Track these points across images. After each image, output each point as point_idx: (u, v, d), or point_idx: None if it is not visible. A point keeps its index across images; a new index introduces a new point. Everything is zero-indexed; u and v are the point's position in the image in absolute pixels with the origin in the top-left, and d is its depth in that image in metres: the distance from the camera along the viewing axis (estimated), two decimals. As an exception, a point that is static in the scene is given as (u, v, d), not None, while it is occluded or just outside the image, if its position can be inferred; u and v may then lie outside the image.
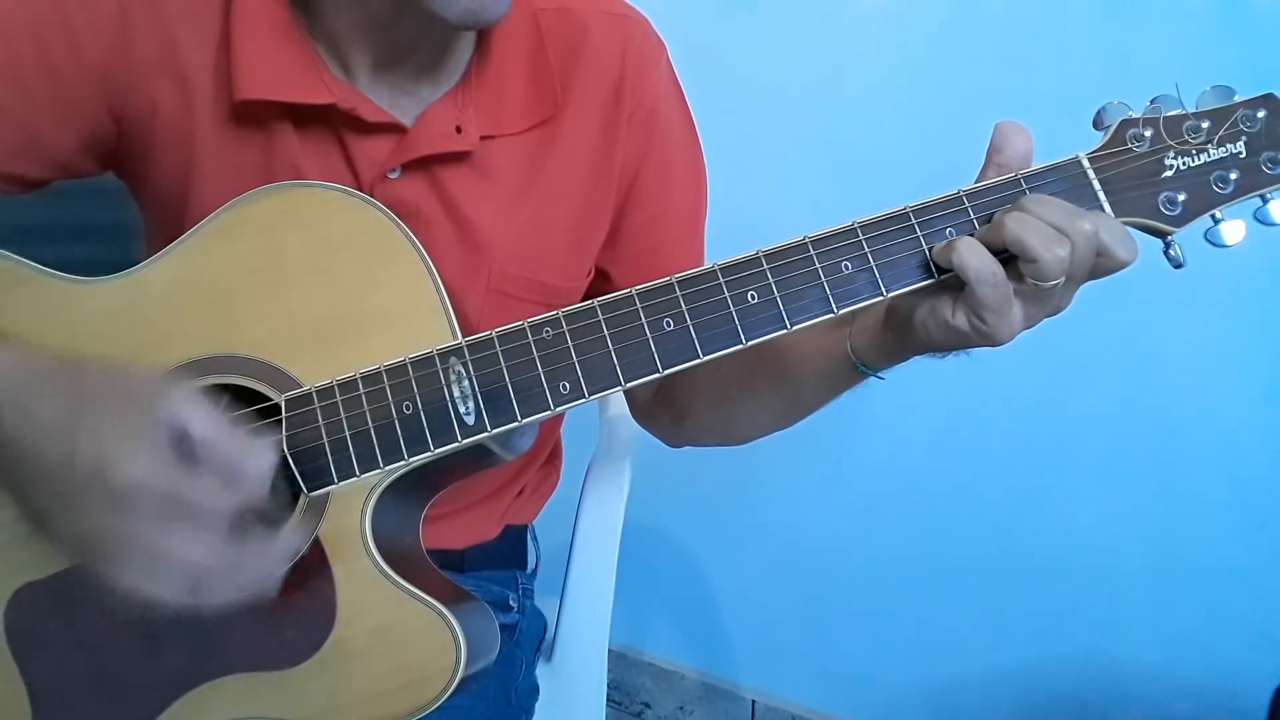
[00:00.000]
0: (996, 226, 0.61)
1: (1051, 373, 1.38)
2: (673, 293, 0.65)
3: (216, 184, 0.77)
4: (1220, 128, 0.64)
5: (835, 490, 1.63)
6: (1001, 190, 0.64)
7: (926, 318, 0.64)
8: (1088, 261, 0.61)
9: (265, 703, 0.66)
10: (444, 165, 0.80)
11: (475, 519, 0.96)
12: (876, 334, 0.70)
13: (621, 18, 0.87)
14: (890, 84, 1.44)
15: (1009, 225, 0.60)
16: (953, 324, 0.63)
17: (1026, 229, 0.59)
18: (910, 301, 0.66)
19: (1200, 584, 1.40)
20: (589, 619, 1.08)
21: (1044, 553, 1.49)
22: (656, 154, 0.88)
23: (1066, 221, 0.60)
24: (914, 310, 0.65)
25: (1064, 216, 0.60)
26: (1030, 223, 0.60)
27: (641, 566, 1.70)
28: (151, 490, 0.55)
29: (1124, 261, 0.61)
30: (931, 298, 0.64)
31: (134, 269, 0.72)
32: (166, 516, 0.56)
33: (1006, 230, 0.60)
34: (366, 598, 0.65)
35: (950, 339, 0.64)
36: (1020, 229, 0.59)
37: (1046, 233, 0.59)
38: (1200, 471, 1.36)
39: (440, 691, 0.64)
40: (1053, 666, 1.53)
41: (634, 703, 1.90)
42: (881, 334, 0.70)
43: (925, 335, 0.65)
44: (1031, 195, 0.63)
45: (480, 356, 0.66)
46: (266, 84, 0.75)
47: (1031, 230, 0.59)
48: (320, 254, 0.70)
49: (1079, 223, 0.60)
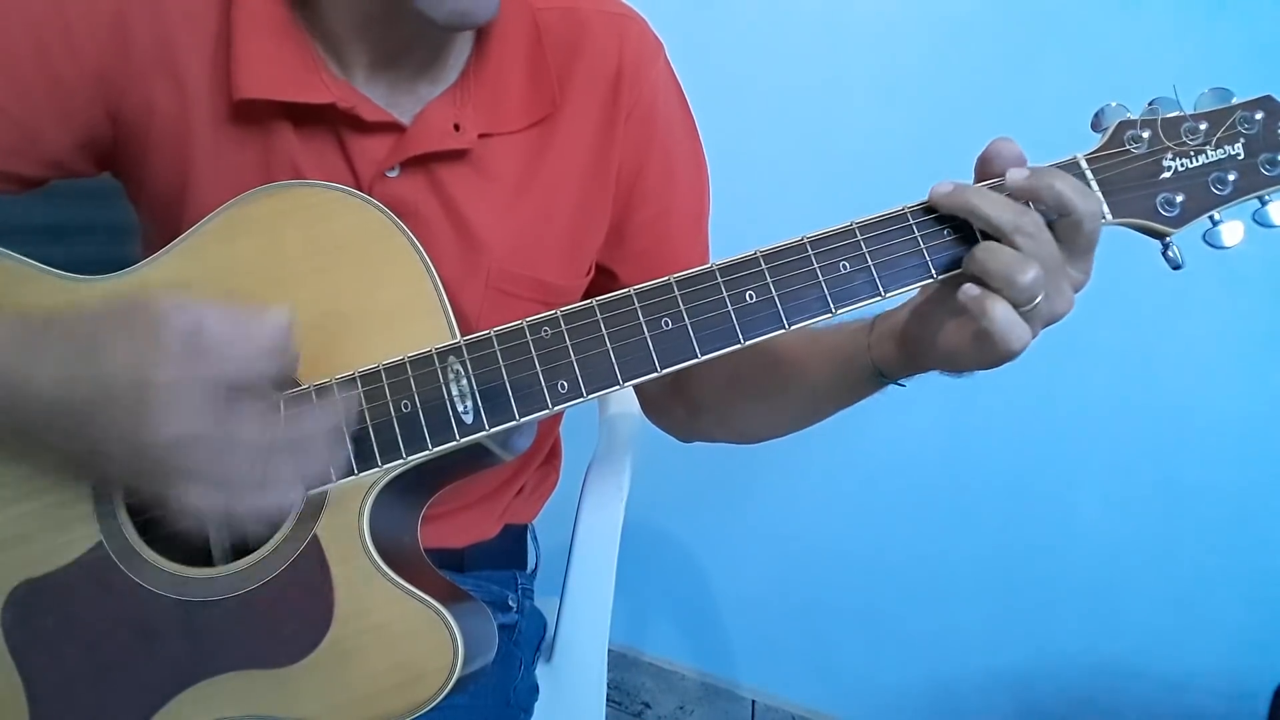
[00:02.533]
0: (958, 190, 0.64)
1: (1051, 373, 1.38)
2: (671, 292, 0.65)
3: (214, 184, 0.77)
4: (1218, 129, 0.65)
5: (835, 490, 1.63)
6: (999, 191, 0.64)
7: (945, 345, 0.66)
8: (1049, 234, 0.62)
9: (262, 700, 0.66)
10: (442, 163, 0.80)
11: (474, 518, 0.96)
12: (893, 350, 0.71)
13: (619, 16, 0.87)
14: (889, 84, 1.44)
15: (967, 191, 0.63)
16: (959, 351, 0.64)
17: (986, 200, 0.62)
18: (922, 333, 0.67)
19: (1200, 584, 1.40)
20: (589, 619, 1.08)
21: (1043, 552, 1.49)
22: (657, 151, 0.88)
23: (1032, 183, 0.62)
24: (932, 342, 0.67)
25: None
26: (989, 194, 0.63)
27: (641, 566, 1.71)
28: (200, 432, 0.57)
29: (1083, 209, 0.61)
30: (946, 326, 0.65)
31: (134, 268, 0.72)
32: (220, 402, 0.58)
33: (963, 196, 0.63)
34: (364, 596, 0.65)
35: (963, 363, 0.65)
36: (978, 196, 0.63)
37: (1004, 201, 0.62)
38: (1200, 471, 1.36)
39: (437, 690, 0.64)
40: (1052, 666, 1.53)
41: (634, 703, 1.91)
42: (899, 349, 0.70)
43: (946, 361, 0.67)
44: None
45: (478, 356, 0.66)
46: (266, 83, 0.75)
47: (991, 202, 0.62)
48: (319, 253, 0.70)
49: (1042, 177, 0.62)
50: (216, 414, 0.58)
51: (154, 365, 0.57)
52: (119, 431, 0.59)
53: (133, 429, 0.58)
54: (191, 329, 0.58)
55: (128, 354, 0.58)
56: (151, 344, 0.58)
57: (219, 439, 0.58)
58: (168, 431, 0.57)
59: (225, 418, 0.58)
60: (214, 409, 0.58)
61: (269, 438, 0.59)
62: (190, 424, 0.57)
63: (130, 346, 0.58)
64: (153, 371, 0.57)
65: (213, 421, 0.58)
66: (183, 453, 0.58)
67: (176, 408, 0.57)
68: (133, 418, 0.58)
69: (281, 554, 0.66)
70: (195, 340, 0.58)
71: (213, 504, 0.59)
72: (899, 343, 0.70)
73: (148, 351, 0.58)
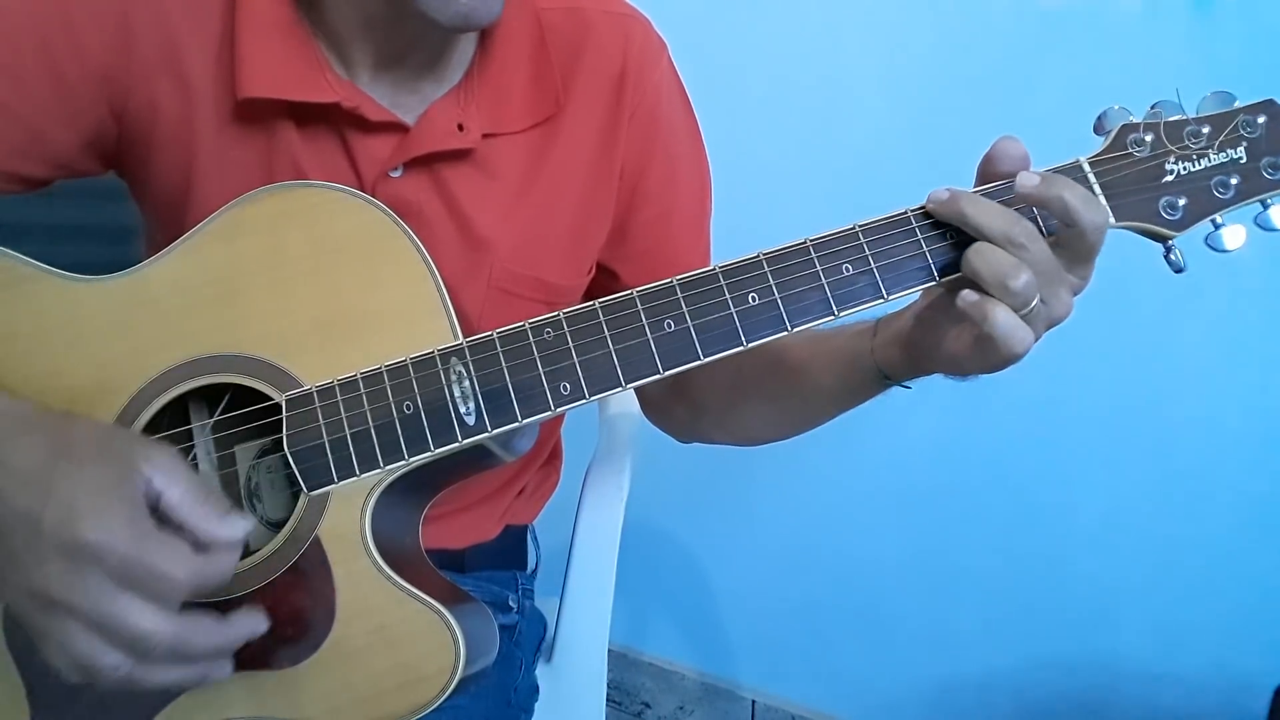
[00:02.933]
0: (952, 197, 0.63)
1: (1052, 374, 1.38)
2: (674, 294, 0.65)
3: (218, 183, 0.77)
4: (1221, 133, 0.65)
5: (835, 490, 1.63)
6: (1002, 194, 0.64)
7: (950, 350, 0.65)
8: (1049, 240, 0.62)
9: (264, 702, 0.66)
10: (446, 163, 0.80)
11: (475, 519, 0.96)
12: (898, 354, 0.71)
13: (623, 17, 0.87)
14: (892, 86, 1.44)
15: (961, 199, 0.63)
16: (958, 355, 0.64)
17: (977, 206, 0.62)
18: (925, 340, 0.67)
19: (1200, 584, 1.40)
20: (589, 619, 1.08)
21: (1043, 552, 1.49)
22: (660, 152, 0.88)
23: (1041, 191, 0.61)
24: (936, 347, 0.66)
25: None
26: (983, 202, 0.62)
27: (641, 566, 1.70)
28: (114, 549, 0.54)
29: (1088, 222, 0.61)
30: (950, 333, 0.65)
31: (135, 268, 0.72)
32: (124, 580, 0.54)
33: (957, 204, 0.62)
34: (366, 597, 0.65)
35: (965, 367, 0.65)
36: (971, 205, 0.62)
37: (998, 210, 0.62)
38: (1200, 471, 1.36)
39: (439, 692, 0.64)
40: (1052, 666, 1.53)
41: (634, 703, 1.91)
42: (903, 353, 0.70)
43: (950, 366, 0.66)
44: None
45: (481, 357, 0.66)
46: (270, 82, 0.75)
47: (981, 208, 0.62)
48: (322, 254, 0.70)
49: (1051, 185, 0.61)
50: (105, 597, 0.54)
51: (79, 525, 0.54)
52: (17, 564, 0.55)
53: (29, 569, 0.55)
54: (155, 496, 0.57)
55: (61, 505, 0.55)
56: (92, 503, 0.55)
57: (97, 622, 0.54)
58: (53, 587, 0.54)
59: (110, 606, 0.54)
60: (108, 591, 0.54)
61: (150, 645, 0.54)
62: (77, 591, 0.54)
63: (67, 498, 0.55)
64: (75, 529, 0.54)
65: (99, 599, 0.54)
66: (59, 617, 0.54)
67: (75, 571, 0.54)
68: (34, 562, 0.55)
69: (283, 555, 0.66)
70: (155, 508, 0.57)
71: (69, 672, 0.56)
72: (903, 347, 0.70)
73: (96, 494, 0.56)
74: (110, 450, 0.59)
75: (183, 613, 0.56)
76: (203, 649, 0.58)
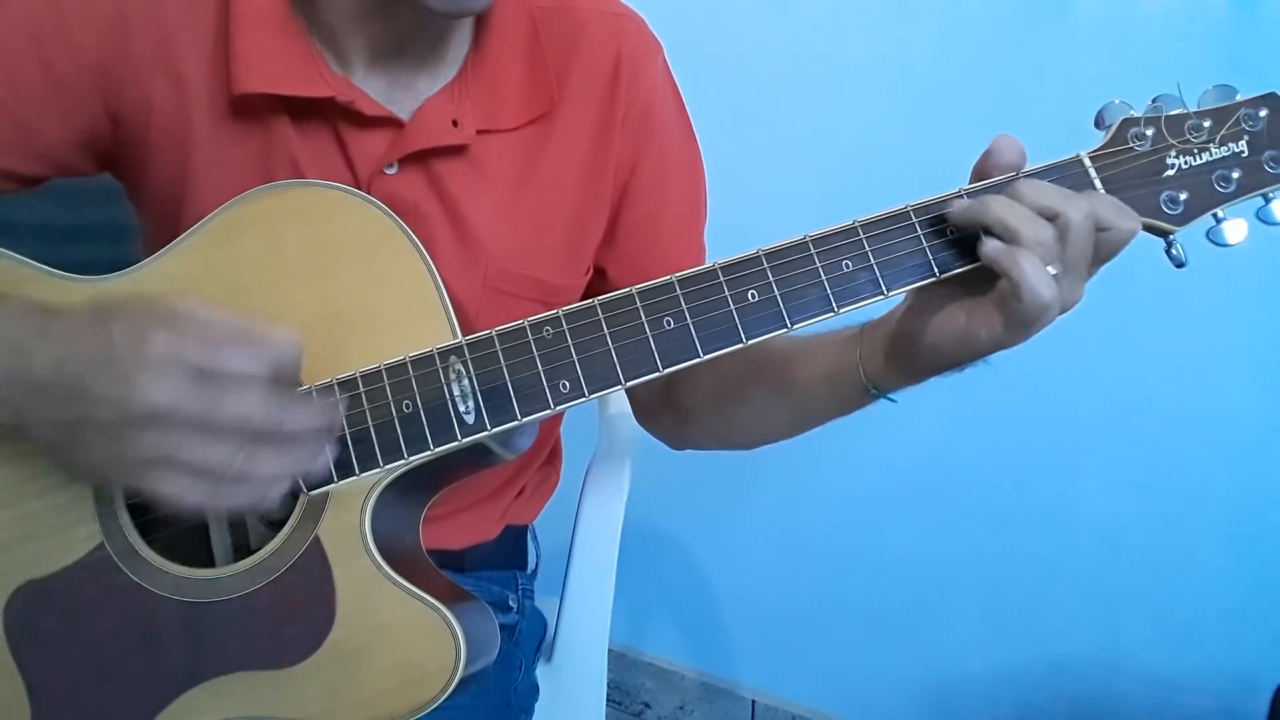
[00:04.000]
0: (981, 204, 0.61)
1: (1052, 372, 1.38)
2: (673, 291, 0.65)
3: (214, 181, 0.77)
4: (1222, 127, 0.64)
5: (835, 490, 1.63)
6: (1002, 189, 0.64)
7: (938, 338, 0.64)
8: (1087, 241, 0.60)
9: (264, 701, 0.66)
10: (441, 160, 0.80)
11: (475, 519, 0.95)
12: (883, 363, 0.70)
13: (617, 16, 0.87)
14: (891, 83, 1.44)
15: (993, 204, 0.60)
16: (968, 330, 0.63)
17: (1010, 210, 0.60)
18: (915, 327, 0.66)
19: (1200, 584, 1.40)
20: (589, 619, 1.08)
21: (1044, 552, 1.49)
22: (652, 151, 0.88)
23: (1060, 202, 0.60)
24: (921, 335, 0.65)
25: (1057, 197, 0.60)
26: (1014, 206, 0.60)
27: (641, 566, 1.70)
28: (188, 351, 0.56)
29: (1128, 230, 0.61)
30: (938, 315, 0.64)
31: (134, 267, 0.72)
32: (209, 378, 0.56)
33: (989, 209, 0.60)
34: (366, 597, 0.65)
35: (964, 350, 0.64)
36: (1004, 209, 0.60)
37: (1026, 214, 0.60)
38: (1201, 471, 1.36)
39: (439, 691, 0.64)
40: (1053, 666, 1.53)
41: (634, 703, 1.90)
42: (888, 363, 0.70)
43: (938, 356, 0.65)
44: (1025, 180, 0.62)
45: (480, 355, 0.66)
46: (265, 77, 0.75)
47: (1013, 212, 0.60)
48: (320, 253, 0.70)
49: (1075, 202, 0.60)
50: (201, 392, 0.56)
51: (151, 338, 0.57)
52: (106, 399, 0.57)
53: (118, 397, 0.57)
54: (199, 319, 0.58)
55: (128, 330, 0.58)
56: (154, 321, 0.58)
57: (199, 418, 0.56)
58: (150, 397, 0.56)
59: (209, 398, 0.57)
60: (200, 387, 0.56)
61: (252, 427, 0.57)
62: (173, 394, 0.56)
63: (132, 324, 0.58)
64: (148, 344, 0.57)
65: (196, 397, 0.56)
66: (162, 430, 0.56)
67: (164, 376, 0.56)
68: (121, 384, 0.56)
69: (283, 555, 0.66)
70: (199, 329, 0.58)
71: (190, 493, 0.58)
72: (892, 348, 0.69)
73: (150, 327, 0.57)
74: (142, 311, 0.60)
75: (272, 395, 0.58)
76: (300, 426, 0.60)
